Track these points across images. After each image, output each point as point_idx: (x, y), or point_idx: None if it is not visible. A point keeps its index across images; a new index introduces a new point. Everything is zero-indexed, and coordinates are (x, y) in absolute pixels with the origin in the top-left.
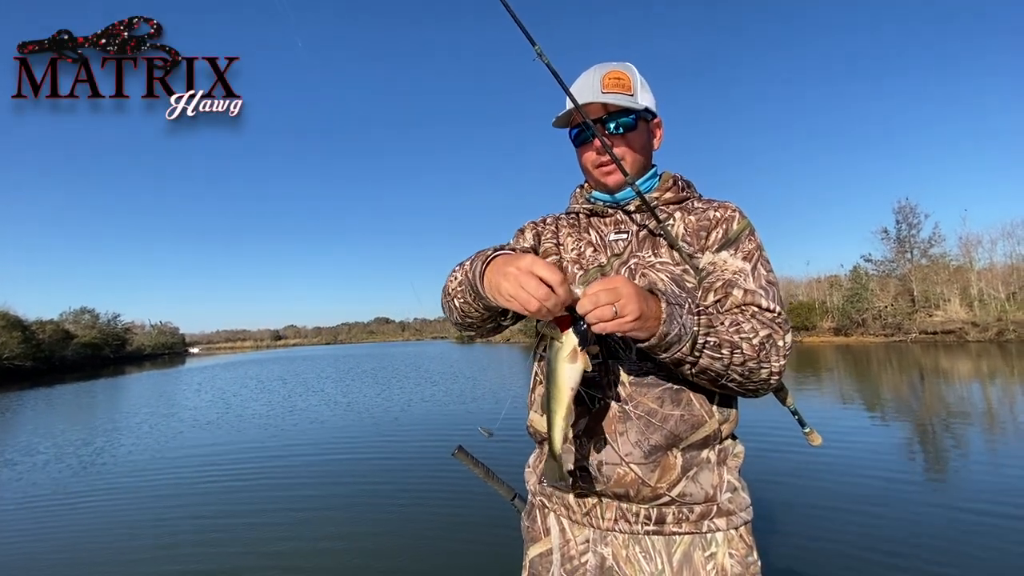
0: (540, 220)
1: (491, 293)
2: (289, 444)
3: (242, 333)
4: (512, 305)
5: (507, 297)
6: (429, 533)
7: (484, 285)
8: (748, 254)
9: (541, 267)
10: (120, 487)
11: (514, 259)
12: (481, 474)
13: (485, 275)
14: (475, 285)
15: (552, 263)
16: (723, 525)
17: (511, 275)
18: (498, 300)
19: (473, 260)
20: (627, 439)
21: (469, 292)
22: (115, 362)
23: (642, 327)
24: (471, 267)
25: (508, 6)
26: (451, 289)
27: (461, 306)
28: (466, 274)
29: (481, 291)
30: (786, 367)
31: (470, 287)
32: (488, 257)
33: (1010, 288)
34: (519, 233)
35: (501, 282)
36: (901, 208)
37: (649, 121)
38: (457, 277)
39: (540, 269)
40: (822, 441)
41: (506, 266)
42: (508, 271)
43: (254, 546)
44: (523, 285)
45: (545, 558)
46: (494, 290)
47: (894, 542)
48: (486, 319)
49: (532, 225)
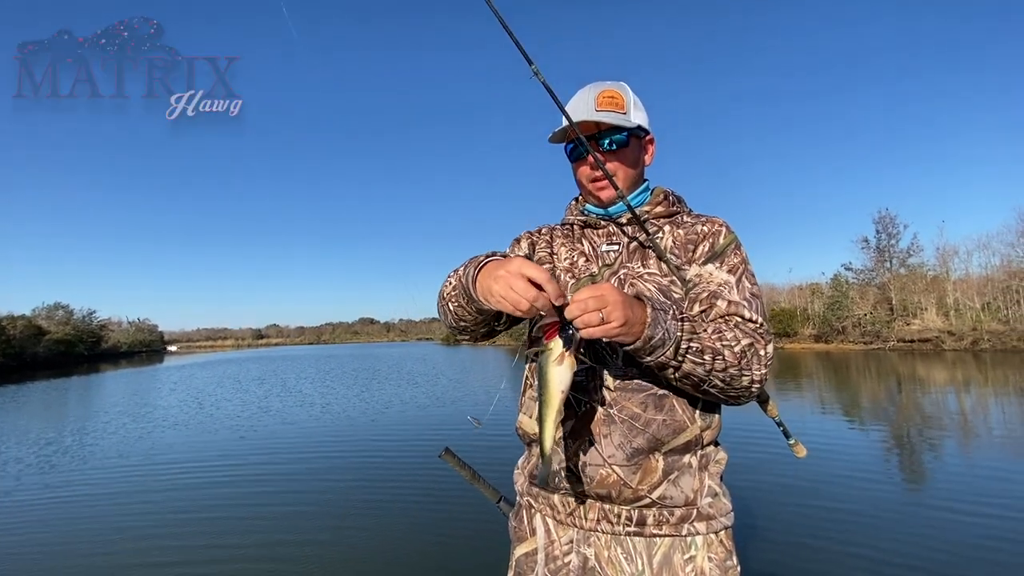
0: (536, 230)
1: (483, 296)
2: (261, 446)
3: (223, 331)
4: (503, 306)
5: (498, 299)
6: (412, 534)
7: (476, 289)
8: (733, 267)
9: (529, 268)
10: (81, 489)
11: (504, 263)
12: (468, 476)
13: (477, 280)
14: (468, 289)
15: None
16: (703, 529)
17: (501, 278)
18: (490, 302)
19: (466, 266)
20: (611, 441)
21: (463, 296)
22: (89, 360)
23: (627, 332)
24: (464, 272)
25: (506, 26)
26: (446, 294)
27: (456, 310)
28: (460, 279)
29: (474, 295)
30: (767, 376)
31: (463, 291)
32: (480, 263)
33: (984, 298)
34: (515, 242)
35: (492, 285)
36: (881, 218)
37: (641, 138)
38: (451, 282)
39: (528, 270)
40: (807, 453)
41: (496, 270)
42: (499, 274)
43: (216, 551)
44: (512, 286)
45: (530, 558)
46: (486, 293)
47: (871, 546)
48: (479, 323)
49: (528, 235)
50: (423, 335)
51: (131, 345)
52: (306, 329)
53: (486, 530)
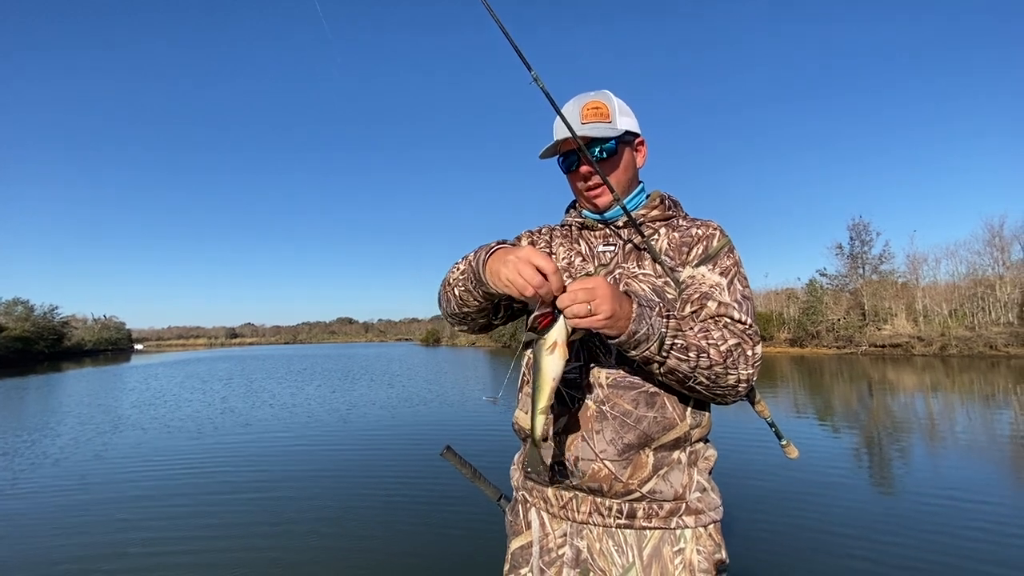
0: (536, 230)
1: (491, 279)
2: (223, 446)
3: (196, 330)
4: (510, 290)
5: (505, 282)
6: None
7: (486, 271)
8: (725, 270)
9: (538, 257)
10: (15, 495)
11: (514, 250)
12: (468, 474)
13: (487, 264)
14: (478, 272)
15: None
16: (691, 523)
17: (511, 263)
18: (497, 285)
19: (477, 251)
20: (602, 437)
21: (471, 280)
22: (51, 358)
23: (613, 325)
24: (475, 256)
25: (506, 32)
26: (452, 279)
27: (461, 295)
28: (469, 263)
29: (483, 277)
30: (754, 376)
31: (472, 275)
32: (491, 248)
33: (951, 305)
34: (516, 240)
35: (501, 268)
36: (855, 225)
37: (631, 142)
38: (460, 267)
39: (537, 259)
40: (799, 454)
41: (506, 255)
42: (508, 259)
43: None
44: (520, 272)
45: (526, 550)
46: (494, 276)
47: (844, 536)
48: (481, 310)
49: (528, 234)
50: (402, 335)
51: (96, 343)
52: (282, 328)
53: (483, 526)
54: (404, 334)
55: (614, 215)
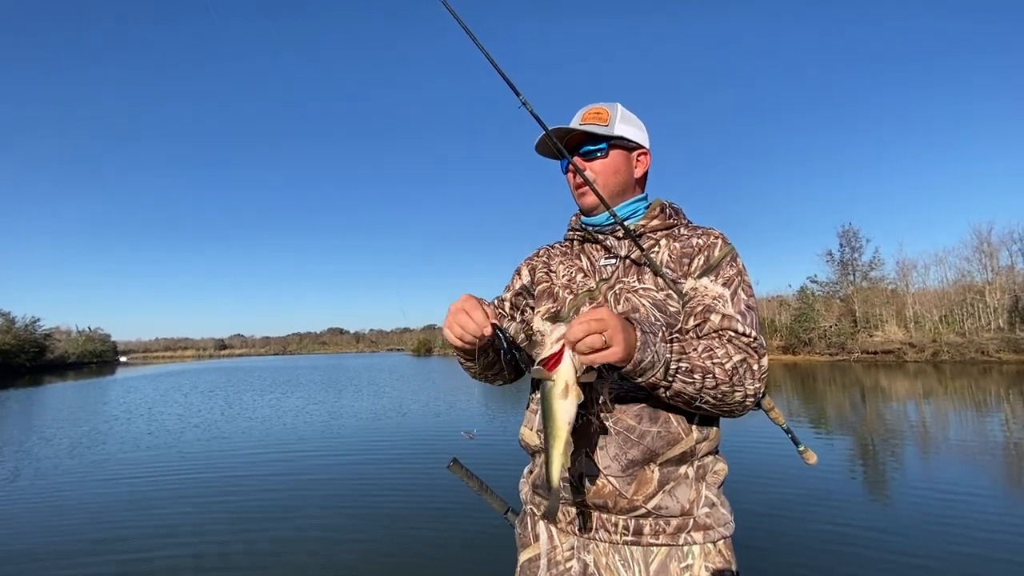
0: (534, 254)
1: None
2: (196, 461)
3: (184, 341)
4: (454, 342)
5: (450, 337)
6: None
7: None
8: (728, 280)
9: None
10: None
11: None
12: (475, 487)
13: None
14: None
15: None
16: (700, 539)
17: (447, 319)
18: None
19: None
20: (606, 453)
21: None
22: (32, 371)
23: (623, 357)
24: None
25: (494, 62)
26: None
27: (463, 363)
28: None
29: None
30: (762, 390)
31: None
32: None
33: (941, 311)
34: (516, 274)
35: (444, 329)
36: (845, 232)
37: (630, 150)
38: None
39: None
40: (817, 460)
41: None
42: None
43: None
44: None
45: (534, 563)
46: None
47: (838, 542)
48: (487, 367)
49: (527, 261)
50: (393, 345)
51: (80, 355)
52: (272, 339)
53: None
54: (395, 344)
55: (602, 220)
